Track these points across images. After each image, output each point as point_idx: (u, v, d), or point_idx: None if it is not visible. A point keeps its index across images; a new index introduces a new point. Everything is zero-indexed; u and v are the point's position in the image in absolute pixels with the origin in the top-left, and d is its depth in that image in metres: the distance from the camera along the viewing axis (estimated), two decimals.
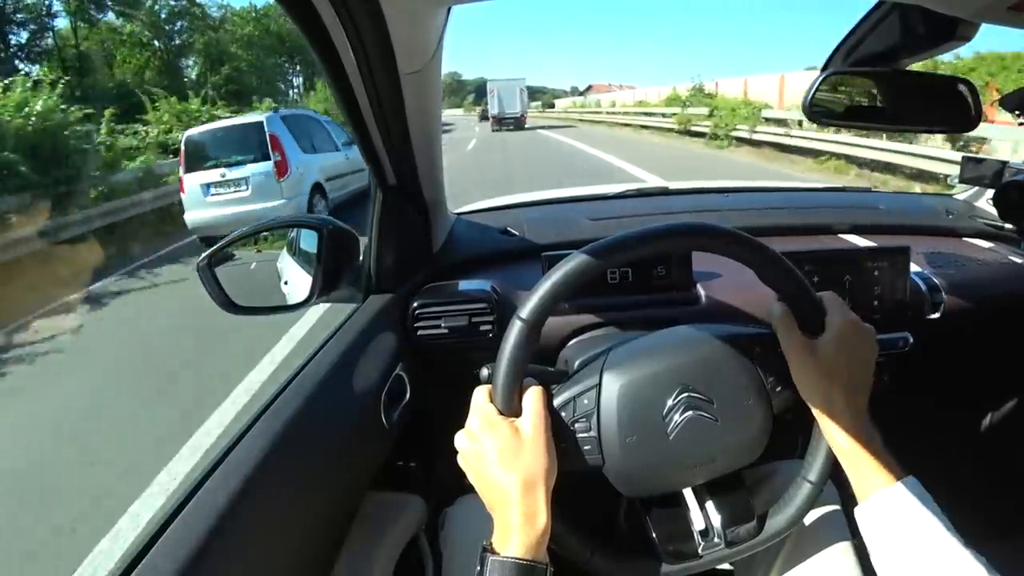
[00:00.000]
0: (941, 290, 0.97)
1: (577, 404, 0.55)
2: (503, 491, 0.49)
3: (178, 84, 21.08)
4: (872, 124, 0.85)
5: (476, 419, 0.52)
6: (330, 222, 0.83)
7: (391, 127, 0.73)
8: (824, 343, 0.55)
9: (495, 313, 0.89)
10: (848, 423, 0.53)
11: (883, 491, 0.50)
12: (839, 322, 0.55)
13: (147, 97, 12.91)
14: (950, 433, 1.29)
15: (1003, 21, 0.48)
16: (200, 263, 0.76)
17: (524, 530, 0.47)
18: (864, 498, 0.51)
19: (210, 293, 0.77)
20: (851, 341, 0.55)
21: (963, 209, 1.27)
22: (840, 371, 0.54)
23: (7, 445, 2.82)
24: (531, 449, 0.50)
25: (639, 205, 1.35)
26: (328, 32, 0.55)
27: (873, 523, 0.50)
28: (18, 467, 2.57)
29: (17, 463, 2.60)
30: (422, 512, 0.89)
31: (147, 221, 8.55)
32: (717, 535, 0.59)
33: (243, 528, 0.50)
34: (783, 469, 0.72)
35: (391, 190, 0.86)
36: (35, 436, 2.91)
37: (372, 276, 0.88)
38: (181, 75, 25.24)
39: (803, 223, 1.17)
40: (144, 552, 0.44)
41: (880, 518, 0.50)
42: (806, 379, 0.55)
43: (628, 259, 0.56)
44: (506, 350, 0.52)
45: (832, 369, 0.54)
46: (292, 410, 0.61)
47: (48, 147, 8.33)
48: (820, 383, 0.54)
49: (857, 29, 0.73)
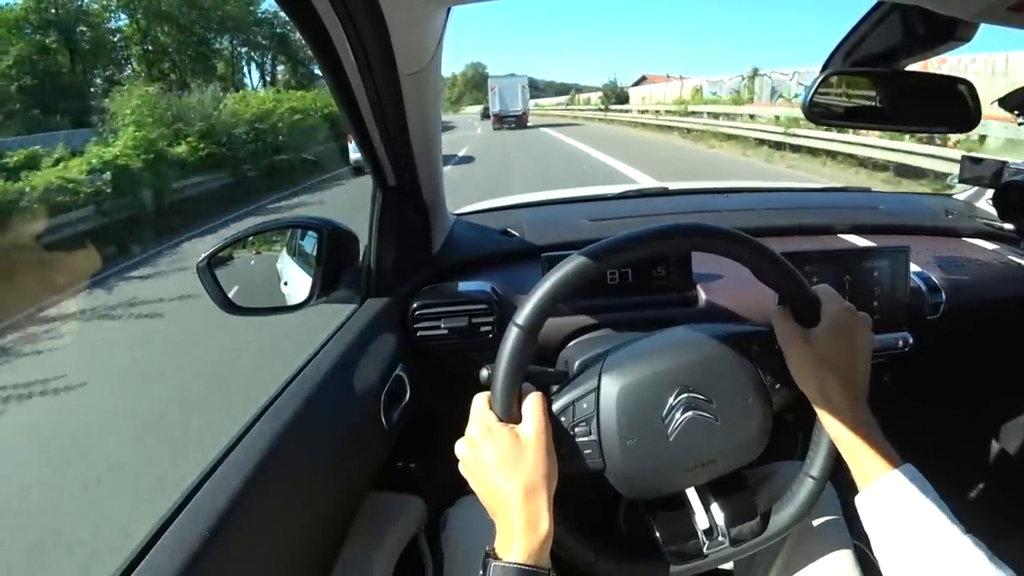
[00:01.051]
0: (941, 290, 0.97)
1: (576, 408, 0.55)
2: (504, 497, 0.49)
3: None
4: (871, 124, 0.85)
5: (476, 426, 0.52)
6: (330, 223, 0.84)
7: (391, 128, 0.73)
8: (819, 332, 0.55)
9: (495, 314, 0.89)
10: (845, 412, 0.53)
11: (882, 479, 0.50)
12: (835, 311, 0.55)
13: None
14: (950, 433, 1.29)
15: (1003, 21, 0.48)
16: (200, 263, 0.76)
17: (526, 536, 0.48)
18: (864, 486, 0.51)
19: (209, 293, 0.77)
20: (847, 330, 0.55)
21: (963, 209, 1.27)
22: (836, 359, 0.54)
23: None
24: (531, 455, 0.50)
25: (639, 206, 1.35)
26: (328, 33, 0.56)
27: (873, 511, 0.51)
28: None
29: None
30: (422, 513, 0.89)
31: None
32: (721, 534, 0.59)
33: (243, 528, 0.50)
34: (784, 469, 0.72)
35: (391, 191, 0.86)
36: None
37: (372, 277, 0.88)
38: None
39: (803, 223, 1.17)
40: (144, 552, 0.44)
41: (880, 506, 0.50)
42: (802, 368, 0.55)
43: (626, 260, 0.56)
44: (504, 356, 0.52)
45: (828, 357, 0.54)
46: (292, 410, 0.61)
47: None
48: (815, 371, 0.54)
49: (857, 29, 0.73)
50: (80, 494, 2.29)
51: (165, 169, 10.48)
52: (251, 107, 15.28)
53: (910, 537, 0.48)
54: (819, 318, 0.56)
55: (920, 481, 0.50)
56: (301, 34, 0.56)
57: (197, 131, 12.38)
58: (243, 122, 13.78)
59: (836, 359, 0.54)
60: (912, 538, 0.47)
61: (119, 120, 12.19)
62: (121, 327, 4.73)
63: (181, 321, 4.38)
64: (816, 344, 0.54)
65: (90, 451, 2.64)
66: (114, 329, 4.75)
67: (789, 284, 0.56)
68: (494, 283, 0.94)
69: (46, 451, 2.73)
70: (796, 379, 0.56)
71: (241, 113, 14.44)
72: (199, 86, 16.19)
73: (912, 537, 0.48)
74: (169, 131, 12.03)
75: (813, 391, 0.54)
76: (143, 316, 4.82)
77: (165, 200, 9.67)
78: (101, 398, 3.29)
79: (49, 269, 6.10)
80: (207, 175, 11.61)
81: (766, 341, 0.58)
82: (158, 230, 8.35)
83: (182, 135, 12.21)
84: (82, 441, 2.76)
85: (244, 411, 0.61)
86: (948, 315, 0.96)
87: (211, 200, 10.66)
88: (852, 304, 0.57)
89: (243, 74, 31.84)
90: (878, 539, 0.50)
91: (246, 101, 16.15)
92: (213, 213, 9.53)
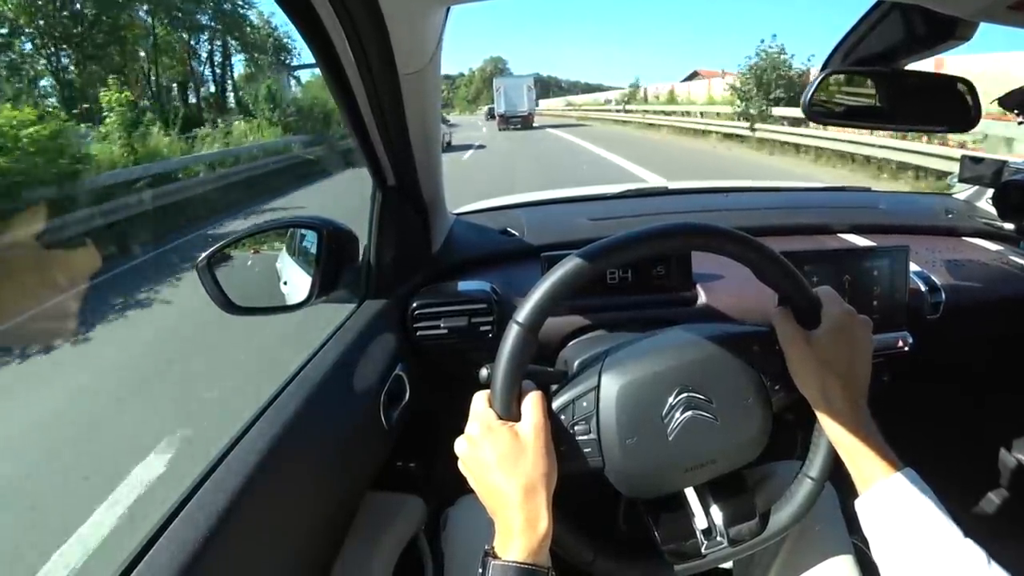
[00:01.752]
0: (940, 290, 0.97)
1: (576, 407, 0.55)
2: (504, 496, 0.49)
3: None
4: (871, 124, 0.85)
5: (476, 424, 0.53)
6: (330, 223, 0.83)
7: (390, 128, 0.73)
8: (820, 334, 0.55)
9: (494, 313, 0.89)
10: (845, 414, 0.53)
11: (882, 482, 0.50)
12: (836, 313, 0.56)
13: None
14: (949, 432, 1.29)
15: (1003, 20, 0.48)
16: (199, 263, 0.76)
17: (526, 534, 0.48)
18: (864, 489, 0.51)
19: (209, 293, 0.76)
20: (847, 332, 0.55)
21: (963, 209, 1.27)
22: (836, 361, 0.54)
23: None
24: (531, 454, 0.50)
25: (639, 205, 1.35)
26: (328, 33, 0.56)
27: (873, 514, 0.51)
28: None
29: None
30: (422, 512, 0.89)
31: None
32: (720, 534, 0.59)
33: (243, 528, 0.50)
34: (783, 469, 0.72)
35: (390, 190, 0.86)
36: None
37: (371, 277, 0.88)
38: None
39: (803, 223, 1.17)
40: (144, 552, 0.44)
41: (879, 509, 0.50)
42: (802, 370, 0.55)
43: (626, 260, 0.56)
44: (504, 355, 0.52)
45: (828, 359, 0.54)
46: (292, 410, 0.61)
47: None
48: (816, 373, 0.54)
49: (856, 29, 0.73)
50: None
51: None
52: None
53: (909, 541, 0.48)
54: (820, 320, 0.56)
55: (920, 485, 0.50)
56: (301, 34, 0.56)
57: None
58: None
59: (837, 361, 0.54)
60: (911, 542, 0.48)
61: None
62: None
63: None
64: (817, 346, 0.54)
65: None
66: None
67: (790, 285, 0.56)
68: (494, 283, 0.94)
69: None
70: (796, 381, 0.56)
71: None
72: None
73: (911, 541, 0.48)
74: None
75: (814, 393, 0.54)
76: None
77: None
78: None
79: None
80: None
81: (766, 342, 0.58)
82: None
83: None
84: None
85: (244, 411, 0.61)
86: (948, 315, 0.96)
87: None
88: (852, 306, 0.57)
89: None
90: (877, 543, 0.51)
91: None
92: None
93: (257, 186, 10.48)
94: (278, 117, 15.87)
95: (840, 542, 0.68)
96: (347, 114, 0.69)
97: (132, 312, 4.83)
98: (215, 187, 9.81)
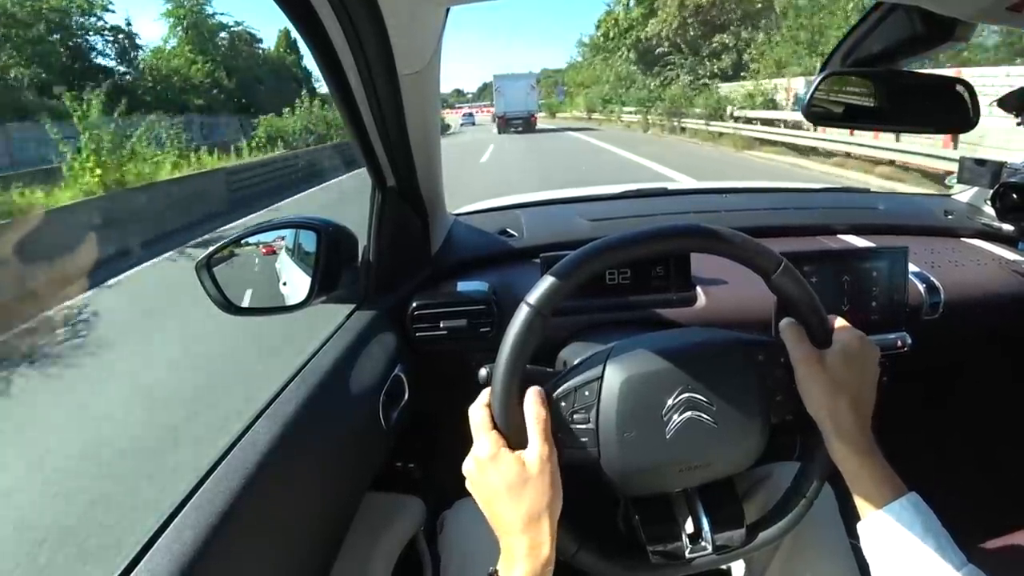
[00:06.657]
0: (940, 290, 0.97)
1: (578, 395, 0.55)
2: (509, 523, 0.50)
3: None
4: (871, 124, 0.86)
5: (482, 445, 0.52)
6: (329, 223, 0.83)
7: (390, 128, 0.73)
8: (832, 354, 0.55)
9: (494, 314, 0.89)
10: (853, 436, 0.53)
11: (885, 508, 0.50)
12: (848, 336, 0.56)
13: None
14: (948, 433, 1.29)
15: (1002, 21, 0.48)
16: (199, 263, 0.76)
17: (528, 560, 0.49)
18: (866, 513, 0.51)
19: (208, 293, 0.76)
20: (859, 356, 0.55)
21: (962, 209, 1.27)
22: (848, 383, 0.54)
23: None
24: (536, 483, 0.50)
25: (638, 206, 1.35)
26: (327, 33, 0.56)
27: (874, 539, 0.51)
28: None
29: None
30: (421, 513, 0.89)
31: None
32: (705, 540, 0.59)
33: (243, 528, 0.50)
34: (777, 472, 0.72)
35: (390, 191, 0.86)
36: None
37: (371, 277, 0.88)
38: None
39: (802, 223, 1.17)
40: (144, 552, 0.44)
41: (882, 535, 0.50)
42: (814, 389, 0.54)
43: (651, 253, 0.56)
44: (510, 336, 0.51)
45: (840, 381, 0.54)
46: (291, 411, 0.61)
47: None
48: (827, 393, 0.54)
49: (856, 29, 0.73)
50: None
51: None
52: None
53: (910, 568, 0.48)
54: (831, 341, 0.56)
55: (923, 511, 0.50)
56: (300, 34, 0.56)
57: None
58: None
59: (848, 384, 0.54)
60: (912, 569, 0.48)
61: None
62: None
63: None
64: (829, 366, 0.54)
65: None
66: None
67: (803, 298, 0.55)
68: (493, 284, 0.94)
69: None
70: (805, 399, 0.55)
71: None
72: None
73: (912, 568, 0.48)
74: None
75: (823, 414, 0.54)
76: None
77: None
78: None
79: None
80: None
81: (772, 352, 0.57)
82: None
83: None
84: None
85: (243, 411, 0.61)
86: (947, 315, 0.96)
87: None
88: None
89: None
90: (878, 568, 0.51)
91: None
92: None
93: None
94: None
95: (839, 543, 0.68)
96: (346, 114, 0.69)
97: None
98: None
